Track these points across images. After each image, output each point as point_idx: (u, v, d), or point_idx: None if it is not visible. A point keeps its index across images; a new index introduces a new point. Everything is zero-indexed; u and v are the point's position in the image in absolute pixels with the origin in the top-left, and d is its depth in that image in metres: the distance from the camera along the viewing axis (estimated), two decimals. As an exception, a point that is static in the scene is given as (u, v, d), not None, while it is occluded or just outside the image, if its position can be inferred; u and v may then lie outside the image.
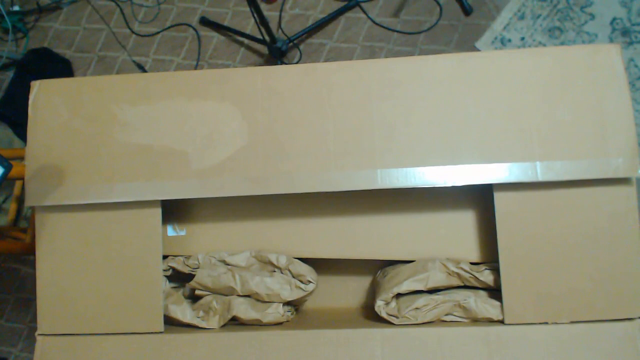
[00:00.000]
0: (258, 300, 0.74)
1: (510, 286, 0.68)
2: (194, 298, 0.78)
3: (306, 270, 0.76)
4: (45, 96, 0.75)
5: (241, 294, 0.74)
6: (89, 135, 0.73)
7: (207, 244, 0.79)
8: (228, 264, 0.76)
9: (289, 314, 0.76)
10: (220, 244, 0.78)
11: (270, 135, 0.71)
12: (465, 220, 0.76)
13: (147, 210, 0.72)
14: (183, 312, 0.74)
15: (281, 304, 0.74)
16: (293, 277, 0.75)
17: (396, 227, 0.77)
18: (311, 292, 0.75)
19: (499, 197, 0.69)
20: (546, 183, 0.68)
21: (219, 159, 0.71)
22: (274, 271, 0.76)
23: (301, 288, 0.74)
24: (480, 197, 0.76)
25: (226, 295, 0.75)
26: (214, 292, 0.76)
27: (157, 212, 0.72)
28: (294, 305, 0.79)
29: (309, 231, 0.78)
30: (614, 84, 0.69)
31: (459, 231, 0.76)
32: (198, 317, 0.74)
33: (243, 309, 0.73)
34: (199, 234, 0.79)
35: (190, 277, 0.76)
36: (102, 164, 0.72)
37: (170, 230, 0.80)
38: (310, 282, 0.75)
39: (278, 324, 0.75)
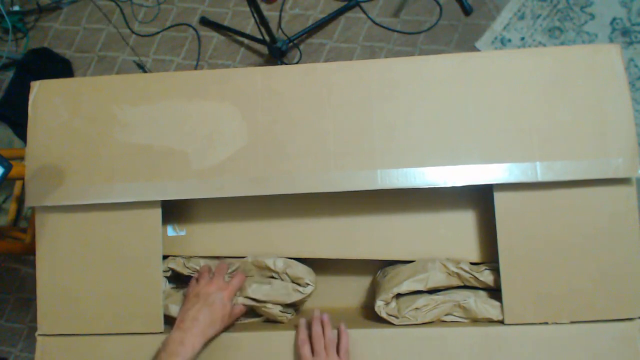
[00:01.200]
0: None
1: (510, 286, 0.68)
2: (194, 298, 0.78)
3: (304, 272, 0.75)
4: (45, 96, 0.75)
5: None
6: (89, 135, 0.73)
7: (207, 244, 0.79)
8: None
9: (289, 315, 0.76)
10: (220, 244, 0.78)
11: (270, 135, 0.71)
12: (465, 220, 0.76)
13: (147, 210, 0.72)
14: (183, 312, 0.73)
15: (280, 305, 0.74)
16: (291, 281, 0.75)
17: (396, 227, 0.77)
18: (310, 294, 0.75)
19: (499, 197, 0.69)
20: (546, 183, 0.68)
21: (219, 159, 0.71)
22: (272, 277, 0.76)
23: (299, 291, 0.74)
24: (480, 197, 0.76)
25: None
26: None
27: (157, 212, 0.72)
28: (294, 305, 0.79)
29: (309, 231, 0.78)
30: (614, 84, 0.69)
31: (459, 231, 0.76)
32: (198, 317, 0.74)
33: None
34: (199, 234, 0.79)
35: (190, 278, 0.76)
36: (102, 164, 0.72)
37: (170, 231, 0.80)
38: (309, 284, 0.74)
39: (279, 323, 0.75)
